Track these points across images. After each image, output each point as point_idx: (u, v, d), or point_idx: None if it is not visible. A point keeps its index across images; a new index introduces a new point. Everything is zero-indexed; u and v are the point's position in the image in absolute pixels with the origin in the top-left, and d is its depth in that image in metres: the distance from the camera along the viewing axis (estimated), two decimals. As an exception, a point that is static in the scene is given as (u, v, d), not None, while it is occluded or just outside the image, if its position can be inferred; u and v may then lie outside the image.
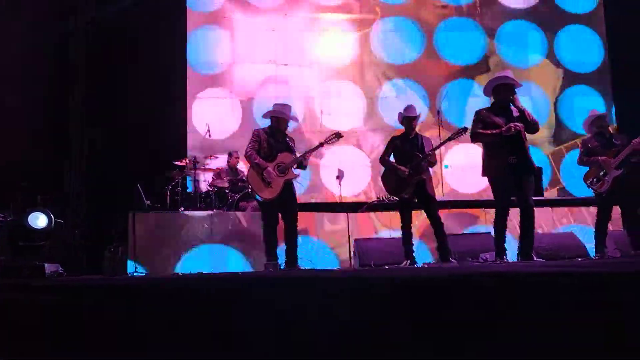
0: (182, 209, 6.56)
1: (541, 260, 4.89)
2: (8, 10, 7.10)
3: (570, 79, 9.53)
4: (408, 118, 5.50)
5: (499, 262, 4.70)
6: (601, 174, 5.34)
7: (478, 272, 2.96)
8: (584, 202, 7.11)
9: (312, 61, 9.09)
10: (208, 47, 8.88)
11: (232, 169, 7.43)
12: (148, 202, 6.30)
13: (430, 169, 5.49)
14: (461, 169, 8.43)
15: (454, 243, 6.10)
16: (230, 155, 7.53)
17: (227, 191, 6.86)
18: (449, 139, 5.43)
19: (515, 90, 4.92)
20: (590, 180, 5.45)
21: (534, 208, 4.78)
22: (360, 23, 9.31)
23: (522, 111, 4.83)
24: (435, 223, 5.29)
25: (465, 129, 5.30)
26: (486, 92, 5.08)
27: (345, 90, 9.06)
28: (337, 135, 5.47)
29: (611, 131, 5.80)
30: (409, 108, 5.57)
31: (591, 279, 2.92)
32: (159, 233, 6.00)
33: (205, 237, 6.03)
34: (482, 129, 4.85)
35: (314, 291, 2.44)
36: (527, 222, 4.78)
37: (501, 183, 4.83)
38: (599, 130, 5.57)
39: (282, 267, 5.25)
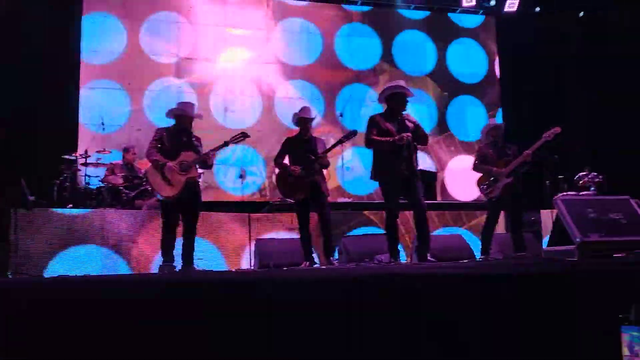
0: (70, 205, 6.16)
1: (433, 260, 5.09)
2: None
3: (458, 89, 10.19)
4: (303, 119, 5.50)
5: (393, 263, 4.83)
6: (492, 180, 5.65)
7: (369, 273, 3.02)
8: (475, 206, 7.50)
9: (217, 57, 8.93)
10: (103, 34, 8.42)
11: (127, 165, 7.08)
12: (32, 198, 5.84)
13: (324, 170, 5.51)
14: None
15: (351, 244, 6.22)
16: (126, 150, 7.17)
17: (121, 188, 6.53)
18: (340, 142, 5.48)
19: (407, 99, 5.11)
20: (483, 185, 5.74)
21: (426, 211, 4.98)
22: (264, 21, 9.28)
23: (416, 125, 5.05)
24: (325, 224, 5.32)
25: (354, 132, 5.39)
26: (380, 99, 5.24)
27: (247, 88, 8.99)
28: (244, 135, 5.37)
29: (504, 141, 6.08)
30: (304, 109, 5.58)
31: (477, 279, 3.08)
32: (43, 231, 5.58)
33: (95, 237, 5.70)
34: (376, 135, 4.99)
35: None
36: (421, 224, 4.95)
37: (392, 187, 4.98)
38: (493, 140, 5.88)
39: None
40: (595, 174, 7.32)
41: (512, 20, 10.22)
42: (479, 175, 5.79)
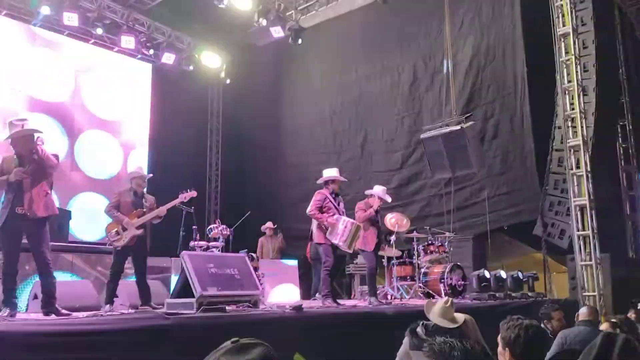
0: None
1: (66, 312, 4.66)
2: None
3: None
4: None
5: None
6: (121, 229, 5.56)
7: None
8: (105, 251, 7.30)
9: None
10: None
11: None
12: None
13: None
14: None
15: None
16: None
17: None
18: None
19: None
20: (111, 232, 5.59)
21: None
22: None
23: (41, 158, 4.63)
24: None
25: None
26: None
27: None
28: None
29: (145, 192, 6.04)
30: None
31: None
32: None
33: None
34: None
35: None
36: (45, 272, 4.63)
37: (8, 231, 4.55)
38: (135, 189, 5.84)
39: None
40: (225, 226, 8.01)
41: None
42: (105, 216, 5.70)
